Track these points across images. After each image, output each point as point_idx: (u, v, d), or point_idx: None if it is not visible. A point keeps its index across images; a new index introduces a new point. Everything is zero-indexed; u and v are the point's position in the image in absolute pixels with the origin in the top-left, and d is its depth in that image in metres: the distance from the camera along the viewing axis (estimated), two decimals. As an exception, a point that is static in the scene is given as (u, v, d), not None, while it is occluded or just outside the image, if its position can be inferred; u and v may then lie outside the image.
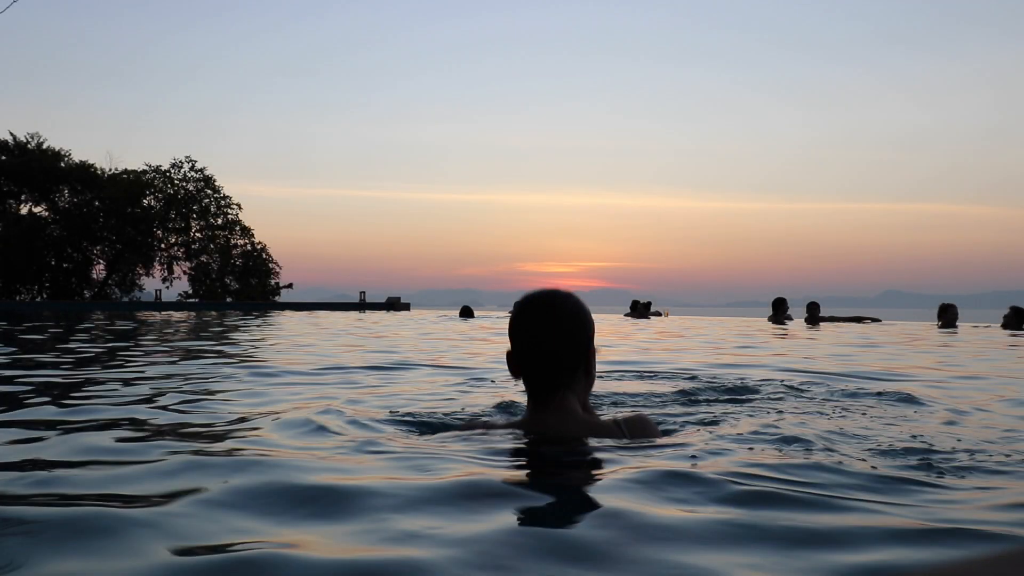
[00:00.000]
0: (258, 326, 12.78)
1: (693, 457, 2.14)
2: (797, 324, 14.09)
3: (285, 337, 9.29)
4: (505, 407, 3.25)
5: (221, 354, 6.32)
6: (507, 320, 2.35)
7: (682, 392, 3.87)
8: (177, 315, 21.24)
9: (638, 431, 2.31)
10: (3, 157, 35.49)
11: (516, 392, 3.84)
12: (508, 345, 2.30)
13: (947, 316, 13.41)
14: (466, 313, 19.53)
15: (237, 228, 38.05)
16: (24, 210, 36.61)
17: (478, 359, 5.99)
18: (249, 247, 38.18)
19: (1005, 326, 12.44)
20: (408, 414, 2.98)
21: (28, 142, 36.20)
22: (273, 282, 38.35)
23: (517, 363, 2.23)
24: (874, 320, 15.03)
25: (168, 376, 4.54)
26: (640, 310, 19.84)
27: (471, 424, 2.51)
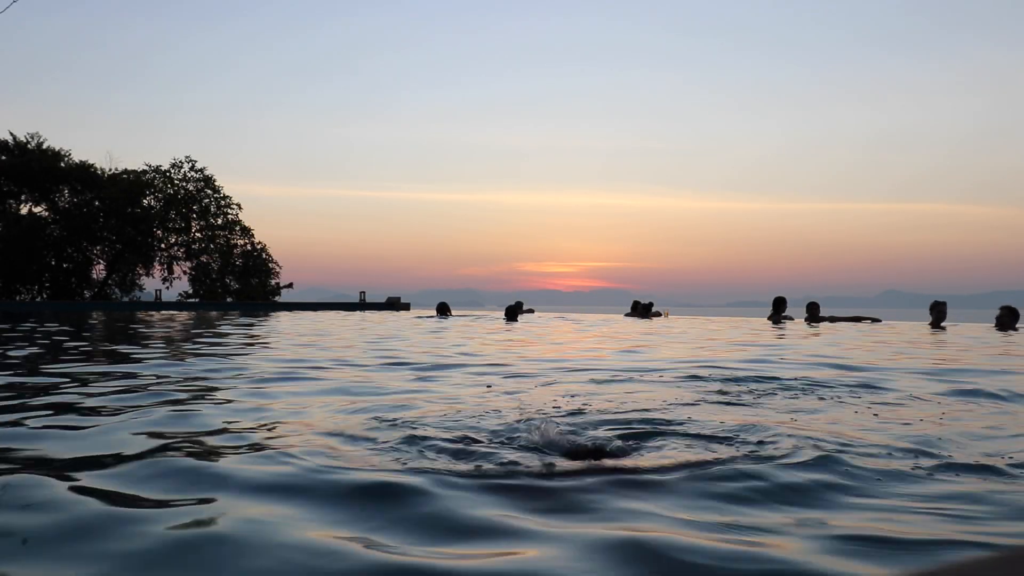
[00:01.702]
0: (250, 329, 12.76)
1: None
2: (797, 323, 14.09)
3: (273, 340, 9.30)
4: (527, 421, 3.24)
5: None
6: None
7: (684, 392, 3.88)
8: (178, 315, 21.24)
9: None
10: (3, 157, 35.42)
11: (517, 396, 3.85)
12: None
13: (934, 314, 13.25)
14: (443, 310, 19.41)
15: (237, 228, 37.99)
16: (24, 210, 36.53)
17: (473, 358, 6.00)
18: (249, 247, 38.14)
19: (1000, 326, 12.12)
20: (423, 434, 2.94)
21: (28, 142, 36.13)
22: (273, 282, 38.29)
23: None
24: (874, 320, 15.01)
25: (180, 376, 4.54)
26: (641, 310, 19.83)
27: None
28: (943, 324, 13.17)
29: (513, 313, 16.70)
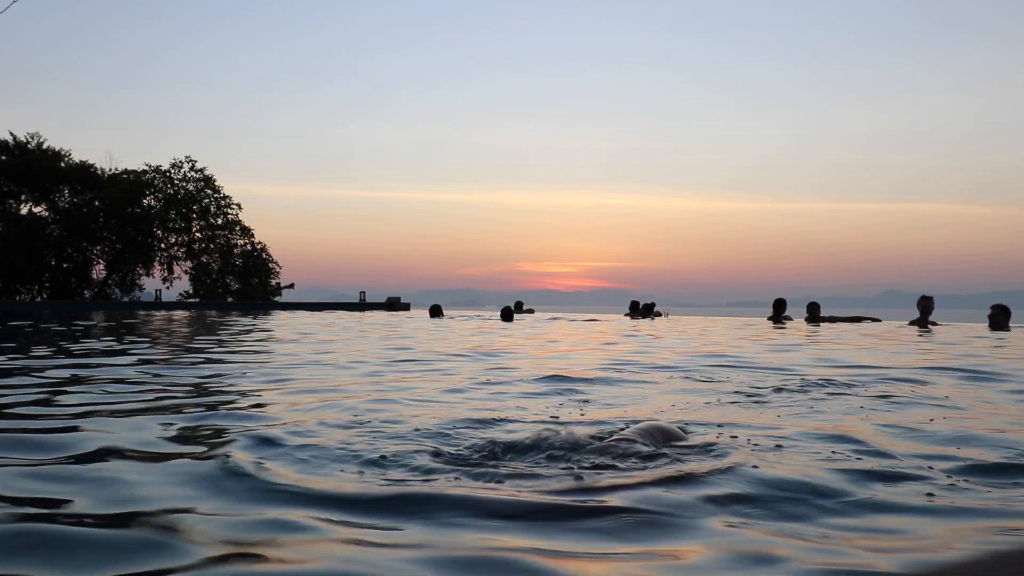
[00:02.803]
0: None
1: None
2: (797, 324, 14.09)
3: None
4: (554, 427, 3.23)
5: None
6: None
7: (685, 392, 3.88)
8: (177, 314, 21.23)
9: (660, 439, 2.35)
10: (3, 157, 35.43)
11: (521, 403, 3.85)
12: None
13: (921, 309, 12.88)
14: (435, 312, 19.45)
15: (237, 228, 37.98)
16: (24, 210, 36.54)
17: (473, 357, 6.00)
18: (249, 247, 38.12)
19: (994, 326, 11.86)
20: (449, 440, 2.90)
21: (28, 142, 36.14)
22: (274, 282, 38.25)
23: None
24: (874, 320, 14.99)
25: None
26: (642, 311, 19.87)
27: None
28: (931, 321, 12.97)
29: (509, 314, 16.53)
